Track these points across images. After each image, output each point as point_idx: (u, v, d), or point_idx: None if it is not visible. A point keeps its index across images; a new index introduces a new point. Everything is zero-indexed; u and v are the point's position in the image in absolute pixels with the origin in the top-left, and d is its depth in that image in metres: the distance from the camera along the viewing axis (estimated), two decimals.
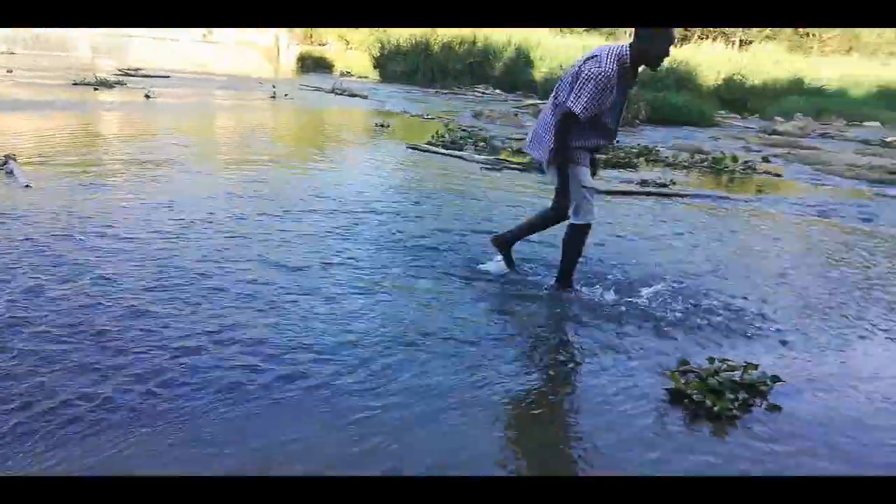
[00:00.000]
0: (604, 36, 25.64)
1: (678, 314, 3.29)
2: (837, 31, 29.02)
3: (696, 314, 3.32)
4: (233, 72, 20.09)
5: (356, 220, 4.61)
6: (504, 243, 3.71)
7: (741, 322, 3.27)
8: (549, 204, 3.53)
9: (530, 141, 3.48)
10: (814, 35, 29.19)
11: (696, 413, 2.37)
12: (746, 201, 6.57)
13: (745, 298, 3.63)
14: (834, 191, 7.71)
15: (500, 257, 3.74)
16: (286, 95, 13.12)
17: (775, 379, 2.54)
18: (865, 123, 18.50)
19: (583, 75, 3.10)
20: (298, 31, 29.69)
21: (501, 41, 21.61)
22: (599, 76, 3.05)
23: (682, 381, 2.50)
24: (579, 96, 3.11)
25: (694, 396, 2.41)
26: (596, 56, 3.12)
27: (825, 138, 14.40)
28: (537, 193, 5.94)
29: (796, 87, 20.86)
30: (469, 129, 10.25)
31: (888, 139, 14.46)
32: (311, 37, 30.25)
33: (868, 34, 30.26)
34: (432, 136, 8.95)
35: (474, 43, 21.82)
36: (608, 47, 3.16)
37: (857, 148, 12.59)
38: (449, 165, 7.32)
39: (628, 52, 3.09)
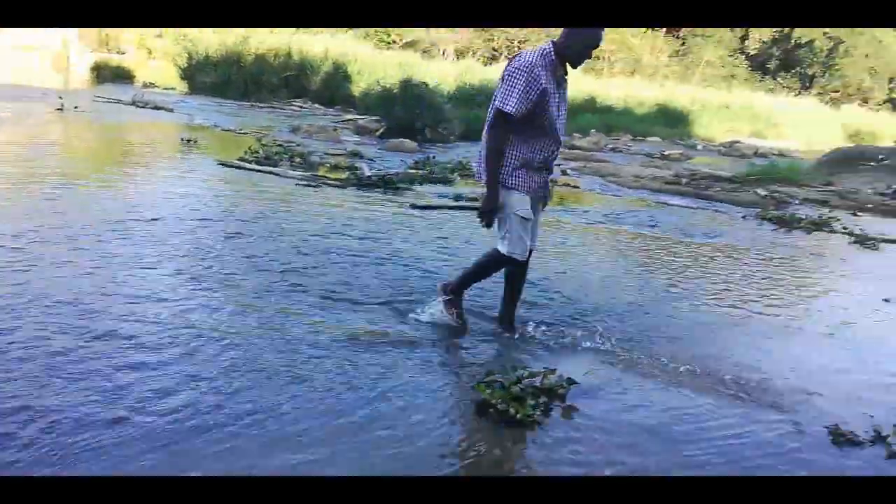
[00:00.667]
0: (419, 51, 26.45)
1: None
2: (623, 54, 32.57)
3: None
4: (9, 80, 17.75)
5: (154, 243, 4.24)
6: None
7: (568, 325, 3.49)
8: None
9: (477, 164, 3.32)
10: (604, 59, 32.46)
11: (501, 421, 2.47)
12: (552, 211, 7.07)
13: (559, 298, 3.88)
14: (623, 200, 8.58)
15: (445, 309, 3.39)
16: (76, 108, 11.85)
17: (571, 382, 2.72)
18: (648, 139, 20.93)
19: (506, 74, 3.03)
20: (92, 36, 27.02)
21: (318, 54, 21.38)
22: (522, 67, 2.97)
23: (488, 392, 2.60)
24: (508, 94, 2.98)
25: (498, 406, 2.51)
26: (518, 56, 3.12)
27: (615, 152, 16.03)
28: (355, 208, 5.92)
29: (590, 106, 23.00)
30: (285, 145, 9.97)
31: (666, 153, 16.47)
32: (107, 43, 27.67)
33: (648, 58, 34.35)
34: (245, 152, 8.57)
35: (290, 56, 21.35)
36: (530, 49, 3.17)
37: (642, 161, 14.16)
38: (261, 182, 7.04)
39: (551, 48, 3.05)
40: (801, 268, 5.69)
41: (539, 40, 31.20)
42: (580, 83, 25.56)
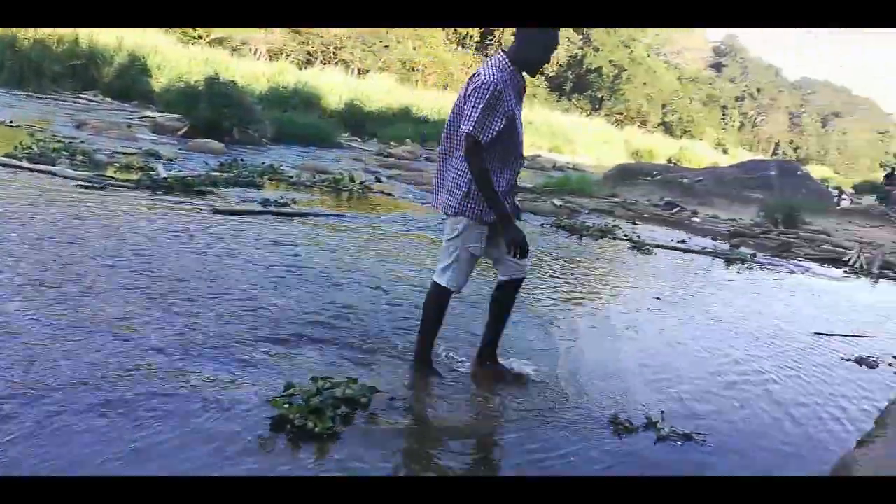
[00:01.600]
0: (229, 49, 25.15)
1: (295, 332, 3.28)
2: (436, 69, 33.77)
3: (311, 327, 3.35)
4: None
5: None
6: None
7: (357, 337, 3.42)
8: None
9: (435, 190, 3.07)
10: (418, 71, 33.41)
11: (299, 435, 2.35)
12: (365, 219, 7.05)
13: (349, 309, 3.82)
14: (434, 210, 8.81)
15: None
16: None
17: (373, 390, 2.68)
18: None
19: (470, 95, 2.77)
20: None
21: (111, 44, 19.39)
22: (487, 86, 2.72)
23: (286, 406, 2.46)
24: (481, 121, 2.73)
25: (296, 420, 2.39)
26: (476, 73, 2.84)
27: (429, 161, 16.51)
28: (140, 212, 5.39)
29: (405, 115, 23.49)
30: (66, 141, 8.86)
31: None
32: None
33: (459, 73, 35.95)
34: (15, 147, 7.47)
35: (77, 43, 19.13)
36: (484, 63, 2.91)
37: None
38: (32, 183, 6.17)
39: (506, 58, 2.84)
40: (590, 270, 6.23)
41: (352, 46, 31.28)
42: (397, 93, 26.05)
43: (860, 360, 4.45)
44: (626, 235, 8.23)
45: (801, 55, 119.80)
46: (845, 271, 8.25)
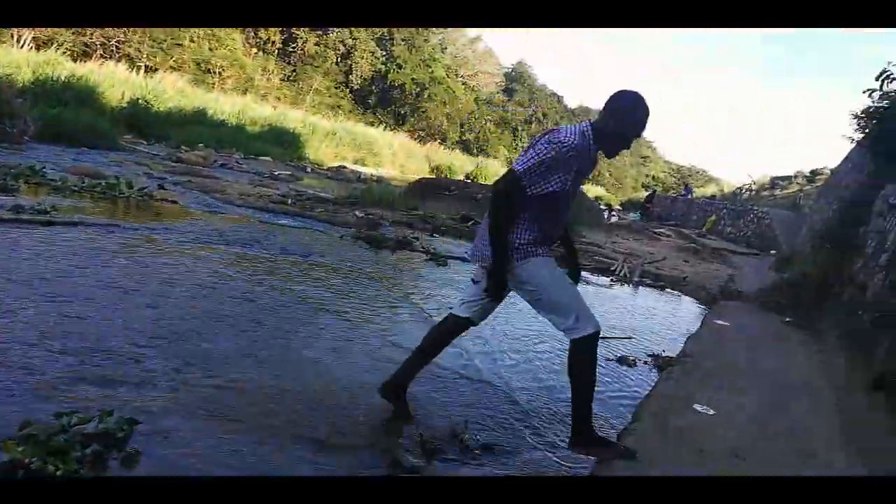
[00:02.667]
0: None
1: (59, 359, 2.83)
2: (234, 72, 32.20)
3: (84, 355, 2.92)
4: None
5: None
6: None
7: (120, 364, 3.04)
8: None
9: (475, 245, 3.00)
10: (214, 73, 31.60)
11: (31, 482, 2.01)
12: (136, 229, 6.39)
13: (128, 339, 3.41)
14: (225, 218, 8.31)
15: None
16: None
17: (133, 422, 2.39)
18: (260, 158, 21.00)
19: (538, 143, 2.71)
20: None
21: None
22: (561, 145, 2.64)
23: (20, 449, 2.09)
24: (527, 159, 2.66)
25: (32, 465, 2.04)
26: (557, 130, 2.75)
27: (225, 168, 15.62)
28: None
29: (199, 119, 22.04)
30: None
31: (276, 172, 16.73)
32: None
33: (260, 79, 34.67)
34: None
35: None
36: (569, 125, 2.80)
37: (251, 179, 14.07)
38: None
39: (591, 129, 2.72)
40: (390, 281, 6.27)
41: (139, 41, 28.67)
42: (191, 95, 24.34)
43: (621, 360, 4.98)
44: (423, 248, 8.45)
45: (581, 85, 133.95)
46: (612, 279, 9.27)
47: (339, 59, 40.18)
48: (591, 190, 51.79)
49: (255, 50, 35.92)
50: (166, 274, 4.93)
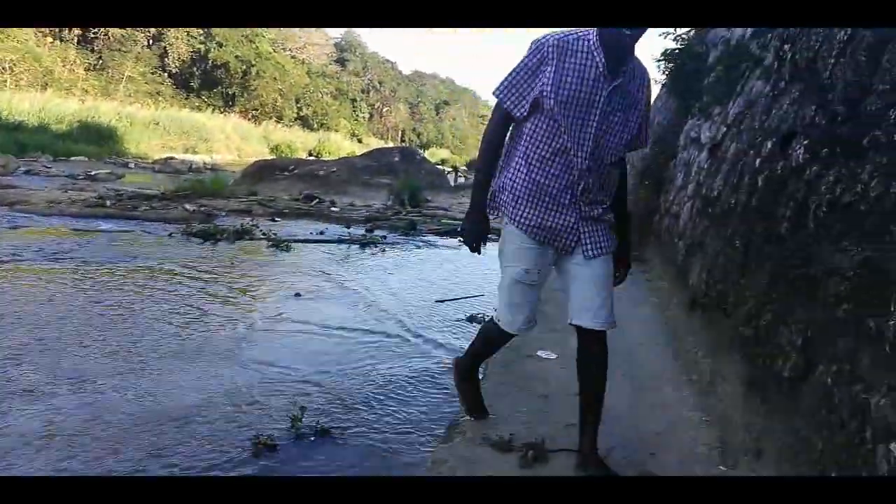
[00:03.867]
0: None
1: None
2: (28, 65, 28.60)
3: None
4: None
5: None
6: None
7: None
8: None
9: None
10: (4, 68, 27.87)
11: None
12: None
13: None
14: (29, 231, 7.39)
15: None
16: None
17: None
18: (72, 158, 18.97)
19: None
20: None
21: None
22: (536, 41, 2.18)
23: None
24: (508, 76, 2.23)
25: None
26: None
27: (31, 175, 13.93)
28: None
29: None
30: None
31: (93, 173, 15.19)
32: None
33: (61, 71, 31.11)
34: None
35: None
36: None
37: (64, 183, 12.65)
38: None
39: (596, 34, 2.14)
40: (227, 276, 5.90)
41: None
42: None
43: (471, 318, 5.08)
44: (264, 234, 8.06)
45: (413, 50, 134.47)
46: (459, 240, 9.44)
47: (150, 42, 37.03)
48: (437, 153, 52.65)
49: (49, 39, 32.08)
50: None
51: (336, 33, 60.65)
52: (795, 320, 2.21)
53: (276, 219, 9.96)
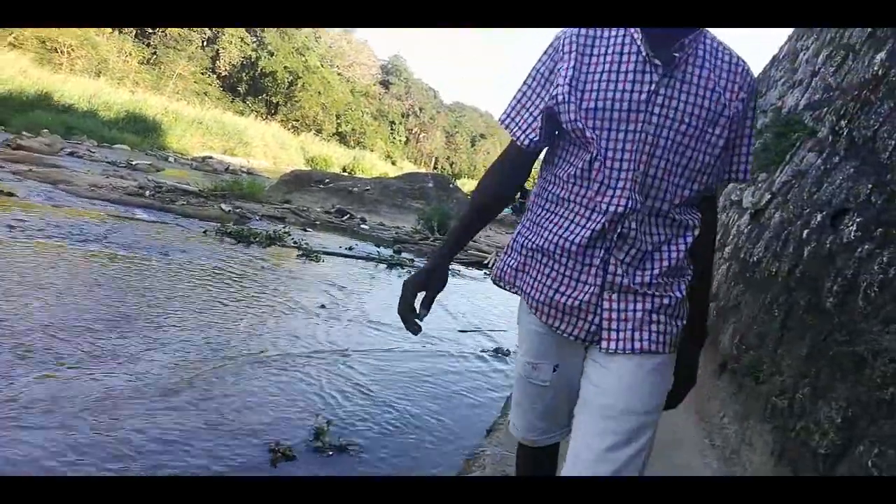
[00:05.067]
0: None
1: None
2: (85, 51, 29.54)
3: None
4: None
5: None
6: None
7: None
8: None
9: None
10: (62, 52, 28.82)
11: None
12: None
13: None
14: (70, 211, 7.57)
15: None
16: None
17: None
18: (115, 146, 19.44)
19: None
20: None
21: None
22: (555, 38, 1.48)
23: None
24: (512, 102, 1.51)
25: None
26: None
27: (75, 157, 14.29)
28: None
29: (44, 102, 20.06)
30: None
31: (134, 162, 15.55)
32: None
33: (116, 61, 32.07)
34: None
35: None
36: None
37: (105, 169, 12.97)
38: None
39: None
40: (256, 281, 5.97)
41: None
42: (34, 76, 22.05)
43: (496, 352, 5.07)
44: (295, 242, 8.17)
45: (456, 82, 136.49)
46: (485, 272, 9.46)
47: (204, 44, 38.08)
48: (468, 183, 52.88)
49: (108, 30, 33.17)
50: None
51: (383, 55, 61.84)
52: (836, 397, 2.18)
53: (308, 229, 10.07)
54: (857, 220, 2.67)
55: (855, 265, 2.48)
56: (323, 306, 5.42)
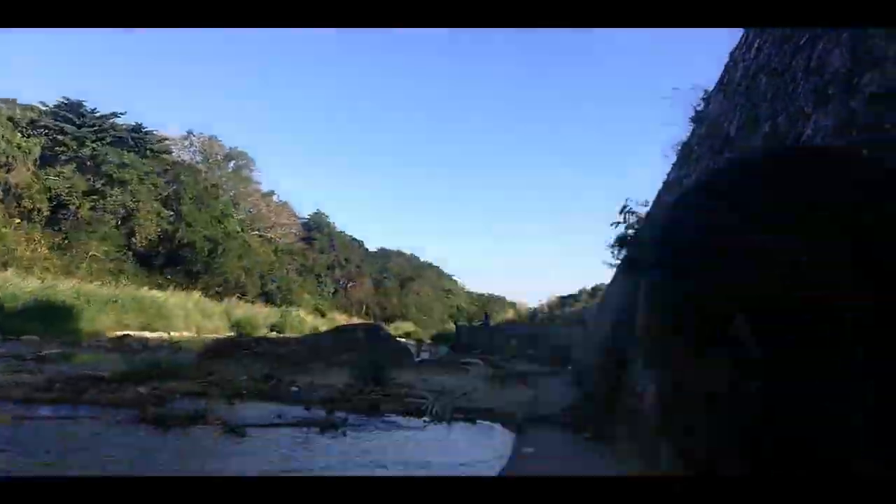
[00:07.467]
0: None
1: None
2: None
3: None
4: None
5: None
6: None
7: None
8: None
9: None
10: None
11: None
12: None
13: None
14: None
15: None
16: None
17: None
18: (23, 337, 18.41)
19: None
20: None
21: None
22: None
23: None
24: None
25: None
26: None
27: None
28: None
29: None
30: None
31: (42, 353, 14.67)
32: None
33: (23, 250, 31.21)
34: None
35: None
36: None
37: (10, 364, 12.14)
38: None
39: None
40: (174, 470, 5.52)
41: None
42: None
43: None
44: (218, 420, 7.71)
45: (378, 228, 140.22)
46: (425, 420, 9.15)
47: (119, 222, 37.87)
48: (402, 326, 52.74)
49: (17, 220, 32.60)
50: None
51: (304, 213, 63.20)
52: None
53: (234, 401, 9.58)
54: None
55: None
56: None
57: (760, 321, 0.46)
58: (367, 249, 74.65)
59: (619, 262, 8.37)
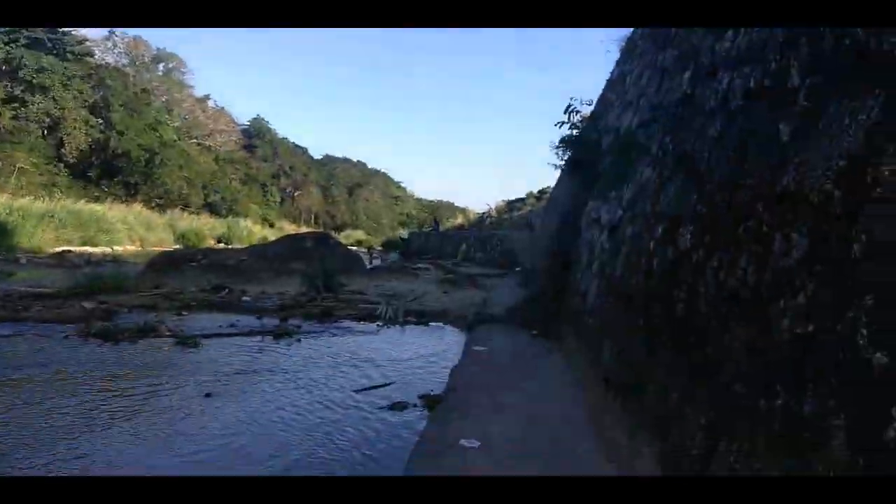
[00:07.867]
0: None
1: None
2: None
3: None
4: None
5: None
6: None
7: None
8: None
9: None
10: None
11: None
12: None
13: None
14: None
15: None
16: None
17: None
18: None
19: None
20: None
21: None
22: None
23: None
24: None
25: None
26: None
27: None
28: None
29: None
30: None
31: None
32: None
33: None
34: None
35: None
36: None
37: None
38: None
39: None
40: (127, 380, 5.55)
41: None
42: None
43: (392, 406, 5.00)
44: (170, 331, 7.70)
45: (320, 134, 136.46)
46: (378, 324, 9.36)
47: (45, 132, 35.69)
48: (353, 235, 52.57)
49: None
50: None
51: (244, 119, 60.72)
52: (699, 400, 2.33)
53: (184, 313, 9.55)
54: (690, 228, 2.90)
55: (692, 272, 2.68)
56: (208, 395, 5.13)
57: None
58: (311, 157, 72.87)
59: (563, 163, 8.45)
